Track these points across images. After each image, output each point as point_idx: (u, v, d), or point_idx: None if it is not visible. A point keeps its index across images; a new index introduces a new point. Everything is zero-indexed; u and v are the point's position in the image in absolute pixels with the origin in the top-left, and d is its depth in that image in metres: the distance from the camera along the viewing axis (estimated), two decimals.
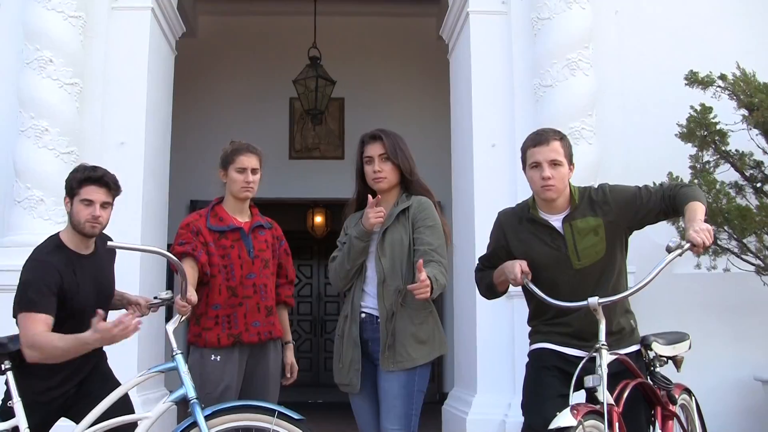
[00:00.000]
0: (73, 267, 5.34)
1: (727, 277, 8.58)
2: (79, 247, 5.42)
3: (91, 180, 5.32)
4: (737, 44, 9.31)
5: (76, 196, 5.31)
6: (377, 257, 5.46)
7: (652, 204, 5.15)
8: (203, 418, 5.01)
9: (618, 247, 5.23)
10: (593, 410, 4.50)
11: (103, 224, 5.39)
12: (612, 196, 5.21)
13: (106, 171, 5.43)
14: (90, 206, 5.29)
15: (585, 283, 5.09)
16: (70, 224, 5.42)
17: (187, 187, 13.54)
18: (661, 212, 5.18)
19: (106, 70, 9.11)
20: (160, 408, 5.22)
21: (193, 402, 5.07)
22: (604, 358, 4.66)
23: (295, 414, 5.12)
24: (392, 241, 5.45)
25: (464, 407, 9.01)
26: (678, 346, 5.73)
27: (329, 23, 14.48)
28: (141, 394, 7.96)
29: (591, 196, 5.24)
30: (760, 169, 8.45)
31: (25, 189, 8.38)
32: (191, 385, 5.14)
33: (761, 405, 8.55)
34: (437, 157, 12.19)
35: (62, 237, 5.44)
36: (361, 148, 5.70)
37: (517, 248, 5.28)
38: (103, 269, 5.61)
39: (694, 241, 4.62)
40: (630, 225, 5.24)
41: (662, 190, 5.19)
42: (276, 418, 5.07)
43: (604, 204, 5.18)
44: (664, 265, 4.72)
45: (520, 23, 9.33)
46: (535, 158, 5.17)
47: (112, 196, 5.43)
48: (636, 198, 5.18)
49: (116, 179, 5.46)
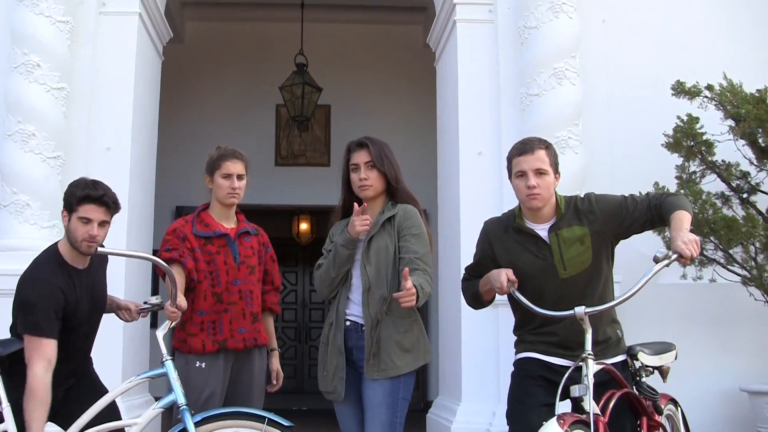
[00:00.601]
0: (73, 283, 5.32)
1: (713, 287, 8.60)
2: (76, 261, 5.39)
3: (90, 199, 5.26)
4: (724, 54, 9.32)
5: (75, 213, 5.26)
6: (362, 265, 5.43)
7: (638, 213, 5.15)
8: (193, 424, 5.00)
9: (604, 257, 5.23)
10: (579, 420, 4.49)
11: (100, 243, 5.34)
12: (598, 205, 5.21)
13: (106, 189, 5.36)
14: (88, 224, 5.24)
15: (571, 292, 5.08)
16: (66, 239, 5.38)
17: (173, 192, 13.53)
18: (647, 221, 5.17)
19: (93, 75, 9.08)
20: (150, 414, 5.22)
21: (183, 408, 5.06)
22: (590, 368, 4.64)
23: (285, 421, 5.12)
24: (377, 249, 5.43)
25: (449, 416, 9.00)
26: (664, 356, 5.71)
27: (316, 30, 14.50)
28: (126, 400, 7.94)
29: (577, 205, 5.23)
30: (747, 180, 8.48)
31: (11, 193, 8.35)
32: (181, 391, 5.13)
33: (746, 415, 8.55)
34: (423, 165, 12.20)
35: (61, 251, 5.40)
36: (347, 155, 5.67)
37: (502, 258, 5.27)
38: (98, 282, 5.60)
39: (682, 252, 4.60)
40: (616, 234, 5.23)
41: (648, 199, 5.19)
42: (266, 425, 5.06)
43: (590, 213, 5.17)
44: (651, 275, 4.70)
45: (507, 32, 9.33)
46: (520, 167, 5.16)
47: (111, 215, 5.38)
48: (622, 207, 5.18)
49: (116, 198, 5.39)
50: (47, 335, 5.09)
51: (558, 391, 4.67)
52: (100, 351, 5.49)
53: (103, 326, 5.91)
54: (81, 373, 5.50)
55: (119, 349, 8.43)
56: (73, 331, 5.30)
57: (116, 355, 8.37)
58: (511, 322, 5.49)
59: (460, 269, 5.81)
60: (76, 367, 5.42)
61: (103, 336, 5.81)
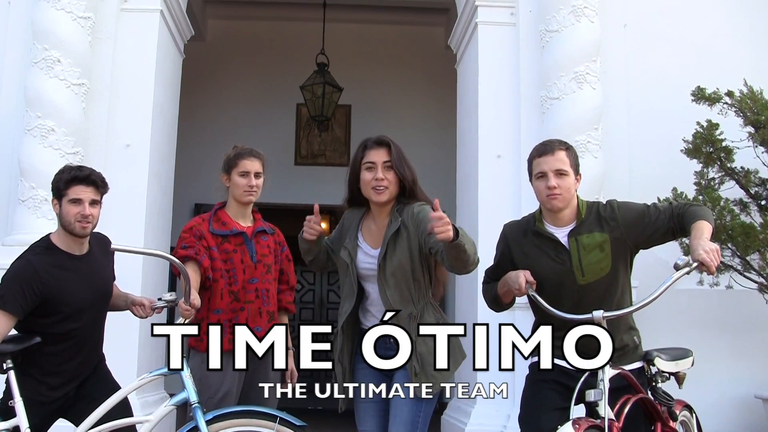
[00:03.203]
0: (64, 268, 5.33)
1: (730, 294, 8.58)
2: (71, 248, 5.40)
3: (77, 179, 5.29)
4: (745, 61, 9.31)
5: (64, 197, 5.29)
6: (381, 286, 5.22)
7: (660, 223, 5.10)
8: (204, 422, 5.01)
9: (623, 265, 5.19)
10: (594, 425, 4.47)
11: (94, 223, 5.36)
12: (620, 212, 5.16)
13: (92, 170, 5.41)
14: (79, 205, 5.26)
15: (588, 299, 5.05)
16: (60, 226, 5.40)
17: (192, 190, 13.52)
18: (669, 231, 5.12)
19: (113, 72, 9.11)
20: (162, 411, 5.22)
21: (195, 406, 5.07)
22: (606, 373, 4.63)
23: (297, 420, 5.10)
24: (394, 269, 5.20)
25: (463, 418, 8.99)
26: (681, 363, 5.67)
27: (338, 30, 14.48)
28: (140, 397, 7.96)
29: (599, 211, 5.20)
30: (765, 187, 8.45)
31: (30, 188, 8.38)
32: (193, 389, 5.13)
33: (761, 423, 8.53)
34: (442, 166, 12.21)
35: (53, 238, 5.43)
36: (362, 152, 5.39)
37: (521, 261, 5.24)
38: (100, 270, 5.58)
39: (704, 261, 4.56)
40: (637, 243, 5.18)
41: (671, 208, 5.14)
42: (277, 424, 5.05)
43: (611, 220, 5.14)
44: (671, 282, 4.68)
45: (528, 35, 9.33)
46: (540, 168, 5.14)
47: (101, 194, 5.39)
48: (644, 216, 5.15)
49: (103, 177, 5.42)
50: (7, 309, 5.12)
51: (573, 395, 4.65)
52: (116, 348, 5.50)
53: (119, 323, 5.93)
54: (92, 369, 5.51)
55: (135, 346, 8.45)
56: (72, 319, 5.30)
57: (132, 352, 8.40)
58: (528, 326, 5.44)
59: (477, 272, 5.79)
60: (85, 361, 5.43)
61: (118, 333, 5.83)
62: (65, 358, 5.32)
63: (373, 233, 5.40)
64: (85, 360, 5.42)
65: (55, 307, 5.24)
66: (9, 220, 8.65)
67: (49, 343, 5.28)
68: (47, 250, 5.37)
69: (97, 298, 5.50)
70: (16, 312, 5.14)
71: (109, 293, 5.68)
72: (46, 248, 5.38)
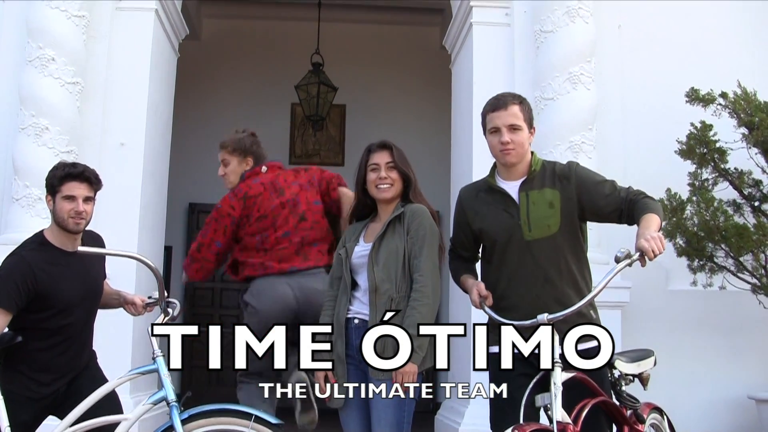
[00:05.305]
0: (57, 264, 5.34)
1: (723, 294, 8.59)
2: (64, 244, 5.40)
3: (71, 176, 5.31)
4: (739, 62, 9.33)
5: (58, 194, 5.30)
6: (370, 266, 5.34)
7: (612, 198, 5.05)
8: (180, 421, 5.01)
9: (573, 230, 5.14)
10: (544, 428, 4.44)
11: (87, 219, 5.37)
12: (577, 173, 5.14)
13: (86, 166, 5.43)
14: (72, 202, 5.27)
15: (534, 260, 5.01)
16: (53, 222, 5.41)
17: (187, 189, 13.53)
18: (617, 210, 5.05)
19: (108, 71, 9.12)
20: (140, 410, 5.22)
21: (171, 405, 5.05)
22: (558, 376, 4.56)
23: (273, 418, 5.10)
24: (388, 251, 5.33)
25: (457, 418, 8.99)
26: (642, 363, 5.60)
27: (333, 30, 14.48)
28: (134, 396, 7.97)
29: (555, 169, 5.18)
30: (759, 188, 8.47)
31: (24, 187, 8.39)
32: (171, 387, 5.12)
33: (754, 424, 8.53)
34: (437, 166, 12.23)
35: (46, 234, 5.44)
36: (366, 156, 5.58)
37: (474, 221, 5.24)
38: (91, 267, 5.59)
39: (643, 248, 4.52)
40: (583, 208, 5.12)
41: (627, 191, 5.08)
42: (253, 422, 5.05)
43: (564, 179, 5.11)
44: (612, 275, 4.59)
45: (523, 35, 9.35)
46: (494, 123, 5.11)
47: (94, 191, 5.42)
48: (599, 185, 5.11)
49: (96, 173, 5.44)
50: (1, 305, 5.13)
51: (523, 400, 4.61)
52: (109, 346, 5.49)
53: (113, 321, 5.94)
54: (83, 366, 5.52)
55: (128, 344, 8.45)
56: (63, 315, 5.32)
57: (125, 350, 8.39)
58: None
59: None
60: (75, 357, 5.44)
61: (112, 331, 5.84)
62: (55, 354, 5.33)
63: (377, 230, 5.48)
64: (76, 356, 5.43)
65: (47, 302, 5.25)
66: (2, 218, 8.66)
67: (40, 339, 5.29)
68: (40, 246, 5.38)
69: (89, 294, 5.52)
70: (10, 308, 5.15)
71: (101, 290, 5.70)
72: (39, 244, 5.39)
